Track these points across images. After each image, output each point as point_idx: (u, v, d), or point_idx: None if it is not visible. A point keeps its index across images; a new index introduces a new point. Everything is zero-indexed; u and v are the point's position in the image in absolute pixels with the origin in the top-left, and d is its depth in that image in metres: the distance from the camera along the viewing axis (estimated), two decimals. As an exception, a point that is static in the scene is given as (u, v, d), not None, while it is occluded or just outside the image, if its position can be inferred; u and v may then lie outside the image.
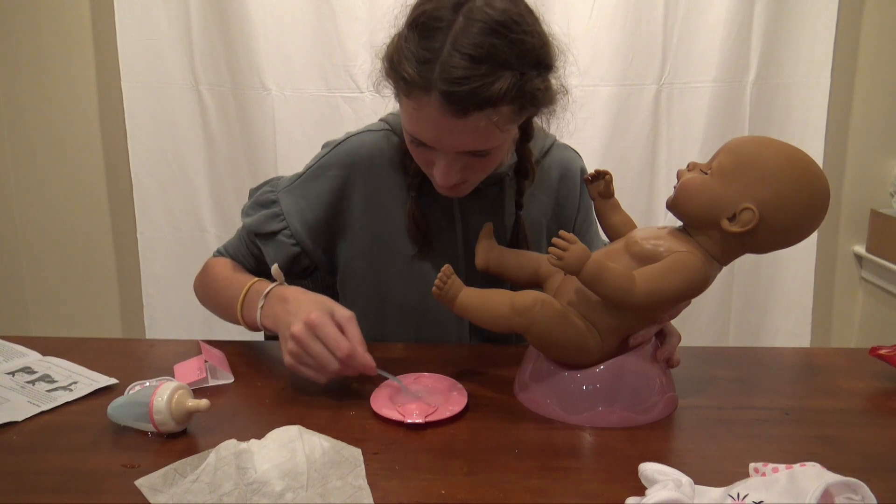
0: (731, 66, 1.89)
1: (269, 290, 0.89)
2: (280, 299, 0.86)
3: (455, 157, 0.84)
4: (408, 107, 0.82)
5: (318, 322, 0.78)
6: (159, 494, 0.62)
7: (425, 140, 0.83)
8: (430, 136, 0.82)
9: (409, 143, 0.89)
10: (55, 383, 0.85)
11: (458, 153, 0.84)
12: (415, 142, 0.86)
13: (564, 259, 0.71)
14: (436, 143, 0.83)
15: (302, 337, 0.78)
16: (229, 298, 0.97)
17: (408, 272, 1.00)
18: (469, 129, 0.79)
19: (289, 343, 0.79)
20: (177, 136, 1.96)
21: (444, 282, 0.78)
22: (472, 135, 0.80)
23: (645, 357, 0.80)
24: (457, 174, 0.86)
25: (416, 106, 0.80)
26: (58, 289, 2.15)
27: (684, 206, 0.77)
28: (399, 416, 0.75)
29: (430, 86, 0.76)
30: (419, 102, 0.79)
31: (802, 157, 0.73)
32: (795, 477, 0.58)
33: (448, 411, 0.77)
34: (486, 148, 0.83)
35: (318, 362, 0.78)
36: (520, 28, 0.77)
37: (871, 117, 2.02)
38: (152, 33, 1.90)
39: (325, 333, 0.78)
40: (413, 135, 0.85)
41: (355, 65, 1.87)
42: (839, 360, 0.98)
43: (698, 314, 2.04)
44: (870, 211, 2.05)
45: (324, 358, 0.78)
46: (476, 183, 0.93)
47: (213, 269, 1.07)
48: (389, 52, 0.83)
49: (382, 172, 0.99)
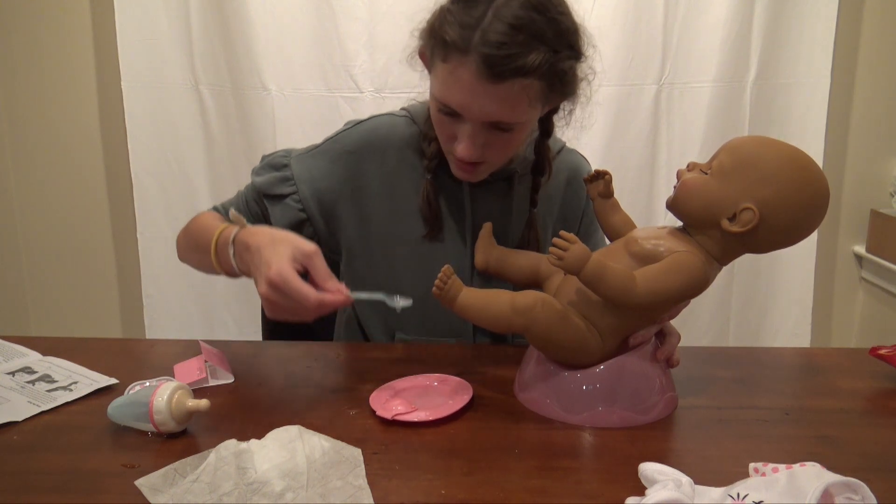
0: (731, 66, 1.89)
1: (234, 237, 0.86)
2: (245, 248, 0.83)
3: (479, 129, 0.86)
4: (442, 72, 0.84)
5: (279, 280, 0.76)
6: (159, 494, 0.62)
7: (455, 105, 0.85)
8: (461, 101, 0.84)
9: (435, 116, 0.90)
10: (55, 383, 0.85)
11: (483, 125, 0.86)
12: (443, 110, 0.87)
13: (565, 259, 0.71)
14: (465, 108, 0.84)
15: (271, 297, 0.77)
16: (203, 249, 0.93)
17: (415, 258, 1.00)
18: (500, 96, 0.82)
19: (262, 300, 0.79)
20: (177, 136, 1.96)
21: (444, 282, 0.78)
22: (502, 104, 0.83)
23: (645, 357, 0.80)
24: (478, 149, 0.88)
25: (451, 69, 0.82)
26: (58, 289, 2.15)
27: (684, 206, 0.77)
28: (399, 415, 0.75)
29: (469, 48, 0.80)
30: (456, 65, 0.82)
31: (802, 157, 0.73)
32: (795, 477, 0.58)
33: (449, 408, 0.77)
34: (511, 121, 0.85)
35: (294, 313, 0.78)
36: (556, 10, 0.82)
37: (871, 117, 2.02)
38: (152, 33, 1.90)
39: (288, 290, 0.76)
40: (444, 101, 0.86)
41: (355, 65, 1.87)
42: (839, 360, 0.98)
43: (698, 314, 2.04)
44: (870, 211, 2.05)
45: (298, 310, 0.78)
46: (493, 167, 0.95)
47: (194, 221, 1.03)
48: (431, 21, 0.87)
49: (400, 155, 1.00)
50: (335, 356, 0.97)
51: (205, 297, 2.06)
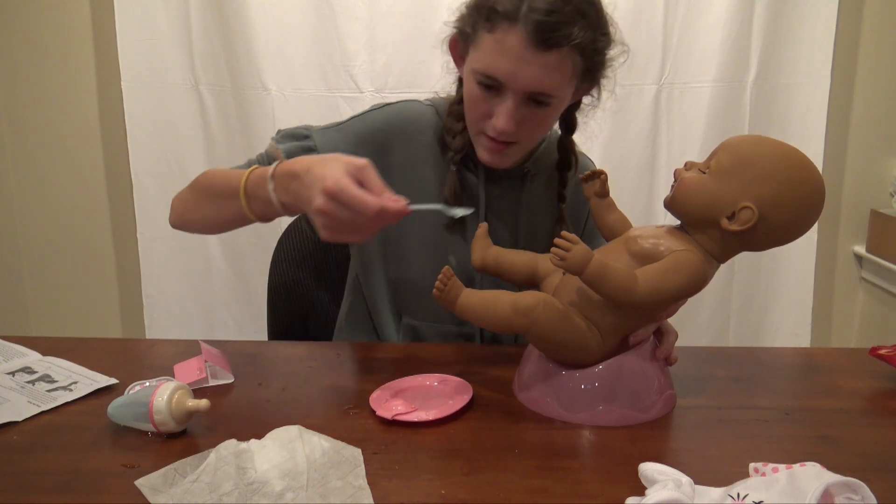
0: (731, 66, 1.89)
1: (274, 171, 0.81)
2: (291, 176, 0.79)
3: (519, 103, 0.89)
4: (489, 42, 0.87)
5: (336, 189, 0.72)
6: (159, 494, 0.62)
7: (502, 74, 0.87)
8: (508, 70, 0.86)
9: (472, 93, 0.92)
10: (55, 383, 0.85)
11: (522, 99, 0.88)
12: (484, 82, 0.89)
13: (568, 259, 0.71)
14: (511, 77, 0.86)
15: (327, 209, 0.73)
16: (226, 195, 0.88)
17: (429, 246, 1.00)
18: (545, 65, 0.85)
19: (318, 218, 0.75)
20: (177, 136, 1.96)
21: (444, 283, 0.78)
22: (547, 73, 0.86)
23: (643, 356, 0.80)
24: (516, 124, 0.90)
25: (499, 38, 0.85)
26: (58, 289, 2.15)
27: (683, 205, 0.77)
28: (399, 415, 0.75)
29: (517, 16, 0.84)
30: (504, 33, 0.85)
31: (799, 156, 0.74)
32: (795, 477, 0.58)
33: (449, 408, 0.77)
34: (552, 93, 0.88)
35: (352, 228, 0.75)
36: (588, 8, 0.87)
37: (871, 117, 2.02)
38: (152, 33, 1.90)
39: (347, 199, 0.72)
40: (489, 72, 0.88)
41: (355, 65, 1.87)
42: (839, 360, 0.98)
43: (698, 313, 2.04)
44: (870, 211, 2.05)
45: (356, 223, 0.74)
46: (521, 151, 0.97)
47: (204, 177, 0.98)
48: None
49: (425, 142, 1.01)
50: (335, 356, 0.97)
51: (205, 297, 2.06)
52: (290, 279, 1.26)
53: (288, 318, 1.27)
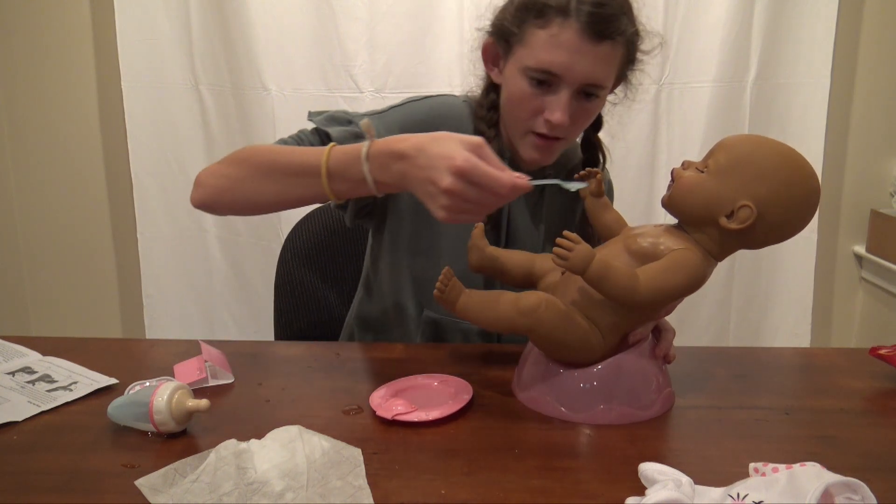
0: (731, 66, 1.89)
1: (368, 151, 0.78)
2: (394, 156, 0.76)
3: (572, 96, 0.91)
4: (541, 38, 0.89)
5: (468, 167, 0.71)
6: (159, 494, 0.62)
7: (558, 67, 0.89)
8: (565, 62, 0.89)
9: (521, 91, 0.93)
10: (55, 383, 0.85)
11: (574, 93, 0.91)
12: (537, 78, 0.91)
13: (570, 259, 0.71)
14: (567, 69, 0.89)
15: (458, 189, 0.71)
16: (297, 173, 0.84)
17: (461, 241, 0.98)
18: (598, 56, 0.89)
19: (441, 199, 0.73)
20: (177, 136, 1.96)
21: (445, 284, 0.78)
22: (600, 64, 0.90)
23: (642, 355, 0.80)
24: (569, 117, 0.92)
25: (553, 32, 0.88)
26: (58, 289, 2.14)
27: (682, 204, 0.77)
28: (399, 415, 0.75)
29: (569, 10, 0.87)
30: (558, 28, 0.88)
31: (795, 156, 0.75)
32: (795, 477, 0.58)
33: (449, 408, 0.77)
34: (603, 84, 0.93)
35: (477, 206, 0.74)
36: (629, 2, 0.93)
37: (871, 117, 2.01)
38: (152, 33, 1.90)
39: (480, 176, 0.71)
40: (544, 67, 0.90)
41: (355, 65, 1.87)
42: (839, 360, 0.98)
43: (698, 313, 2.04)
44: (870, 211, 2.05)
45: (483, 200, 0.73)
46: (563, 147, 0.99)
47: (250, 153, 0.92)
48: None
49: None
50: (335, 356, 0.97)
51: (205, 297, 2.06)
52: (296, 278, 1.26)
53: (294, 316, 1.27)
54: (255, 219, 1.97)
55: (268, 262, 1.98)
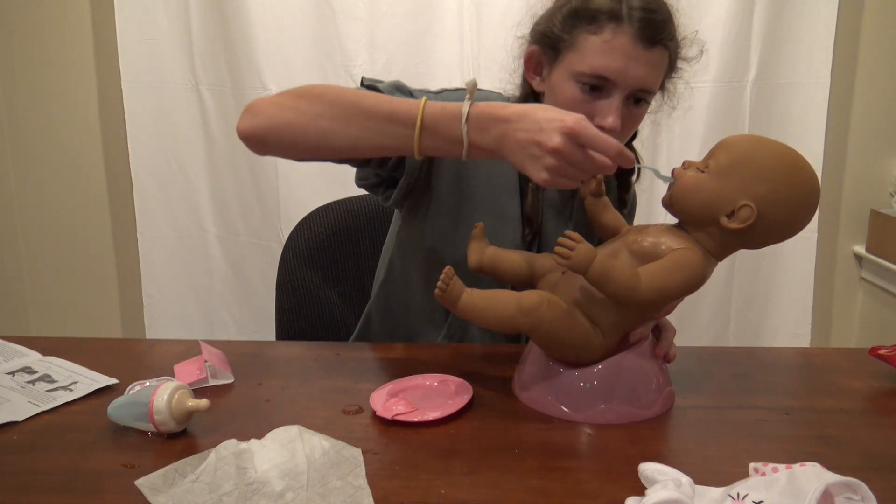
0: (731, 66, 1.89)
1: (467, 113, 0.77)
2: (495, 119, 0.77)
3: (623, 101, 0.91)
4: (595, 43, 0.89)
5: (580, 129, 0.72)
6: (159, 494, 0.62)
7: (613, 72, 0.89)
8: (619, 67, 0.89)
9: (573, 96, 0.92)
10: (55, 383, 0.85)
11: (625, 98, 0.91)
12: (591, 84, 0.91)
13: (572, 258, 0.72)
14: (622, 74, 0.89)
15: (566, 149, 0.72)
16: (386, 119, 0.81)
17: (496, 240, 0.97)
18: (650, 62, 0.90)
19: (547, 159, 0.73)
20: (177, 136, 1.96)
21: (446, 283, 0.78)
22: (651, 69, 0.91)
23: (642, 354, 0.81)
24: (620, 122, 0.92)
25: (607, 38, 0.88)
26: (58, 289, 2.14)
27: (683, 204, 0.78)
28: (399, 415, 0.75)
29: (621, 16, 0.88)
30: (612, 33, 0.88)
31: (795, 156, 0.75)
32: (795, 477, 0.58)
33: (449, 408, 0.77)
34: (653, 89, 0.94)
35: (581, 169, 0.74)
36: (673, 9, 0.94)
37: (871, 117, 2.01)
38: (152, 33, 1.89)
39: (591, 137, 0.73)
40: (599, 72, 0.89)
41: (355, 65, 1.87)
42: (839, 360, 0.98)
43: (698, 314, 2.04)
44: (870, 211, 2.05)
45: (586, 166, 0.74)
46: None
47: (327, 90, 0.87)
48: (566, 4, 0.93)
49: None
50: (335, 356, 0.97)
51: (205, 297, 2.06)
52: (297, 277, 1.26)
53: (296, 315, 1.27)
54: (255, 219, 1.98)
55: (268, 262, 1.99)
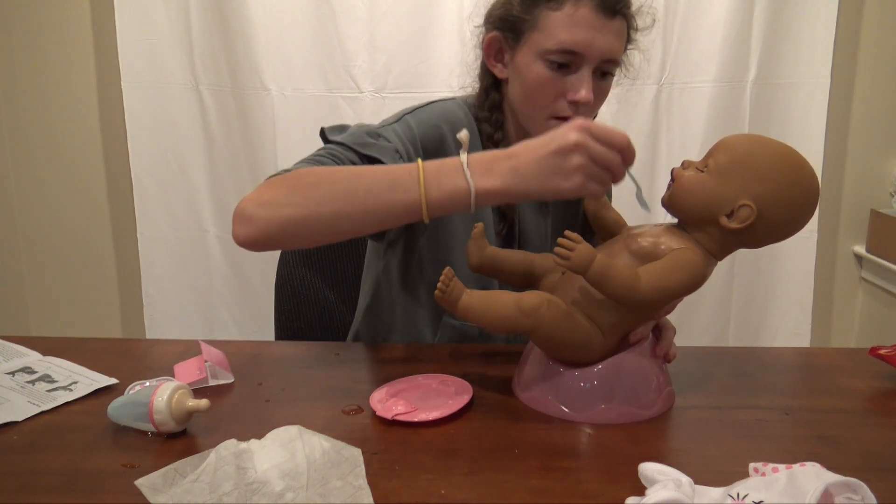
0: (731, 66, 1.89)
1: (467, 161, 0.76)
2: (501, 157, 0.76)
3: (591, 74, 0.92)
4: (558, 19, 0.90)
5: (589, 123, 0.73)
6: (159, 494, 0.62)
7: (580, 45, 0.90)
8: (584, 39, 0.90)
9: (540, 76, 0.93)
10: (55, 383, 0.85)
11: (593, 71, 0.92)
12: (558, 61, 0.91)
13: (572, 259, 0.71)
14: (588, 46, 0.90)
15: (586, 142, 0.72)
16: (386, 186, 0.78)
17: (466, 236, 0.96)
18: (613, 31, 0.91)
19: (572, 160, 0.72)
20: (177, 136, 1.96)
21: (446, 284, 0.78)
22: (615, 39, 0.92)
23: (642, 354, 0.80)
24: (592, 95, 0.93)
25: (569, 12, 0.90)
26: (58, 289, 2.15)
27: (683, 204, 0.78)
28: (399, 415, 0.75)
29: None
30: (573, 7, 0.90)
31: (795, 155, 0.75)
32: (795, 477, 0.58)
33: (449, 408, 0.77)
34: (619, 59, 0.95)
35: (605, 163, 0.74)
36: None
37: (871, 117, 2.02)
38: (152, 33, 1.90)
39: (601, 129, 0.73)
40: (565, 47, 0.90)
41: (355, 65, 1.87)
42: (839, 360, 0.98)
43: (698, 314, 2.04)
44: (870, 211, 2.05)
45: (609, 157, 0.74)
46: None
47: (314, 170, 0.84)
48: None
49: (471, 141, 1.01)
50: (335, 356, 0.97)
51: (205, 297, 2.06)
52: (297, 277, 1.26)
53: (295, 316, 1.27)
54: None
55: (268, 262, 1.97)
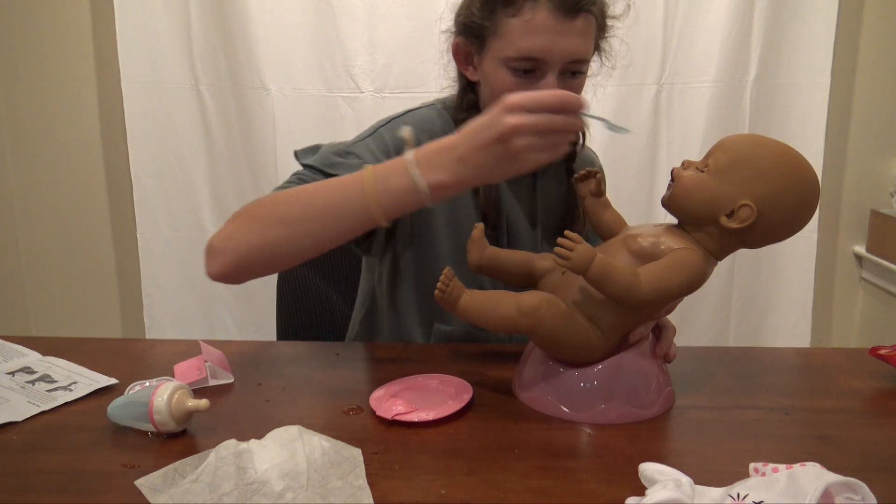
0: (731, 66, 1.89)
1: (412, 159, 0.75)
2: (444, 149, 0.74)
3: (558, 78, 0.91)
4: (516, 26, 0.89)
5: (518, 98, 0.70)
6: (159, 494, 0.62)
7: (540, 51, 0.88)
8: (545, 44, 0.88)
9: (505, 83, 0.91)
10: (55, 383, 0.85)
11: (560, 73, 0.91)
12: (521, 68, 0.90)
13: (572, 259, 0.71)
14: (549, 51, 0.88)
15: (523, 122, 0.69)
16: (337, 198, 0.78)
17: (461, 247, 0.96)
18: (576, 31, 0.89)
19: (516, 142, 0.70)
20: (177, 136, 1.96)
21: (446, 285, 0.78)
22: (578, 39, 0.90)
23: (642, 354, 0.80)
24: None
25: (526, 19, 0.88)
26: (58, 289, 2.15)
27: (683, 204, 0.78)
28: (399, 415, 0.75)
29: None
30: (531, 13, 0.87)
31: (795, 155, 0.75)
32: (795, 477, 0.58)
33: (449, 408, 0.77)
34: (586, 58, 0.93)
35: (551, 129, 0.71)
36: None
37: (871, 117, 2.02)
38: (152, 33, 1.90)
39: (531, 98, 0.70)
40: (525, 53, 0.89)
41: (355, 65, 1.87)
42: (839, 360, 0.98)
43: (698, 314, 2.04)
44: (870, 211, 2.05)
45: (553, 121, 0.70)
46: None
47: (268, 198, 0.85)
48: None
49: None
50: (335, 356, 0.97)
51: (205, 297, 2.06)
52: (297, 278, 1.26)
53: (295, 316, 1.27)
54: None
55: (268, 263, 1.99)
